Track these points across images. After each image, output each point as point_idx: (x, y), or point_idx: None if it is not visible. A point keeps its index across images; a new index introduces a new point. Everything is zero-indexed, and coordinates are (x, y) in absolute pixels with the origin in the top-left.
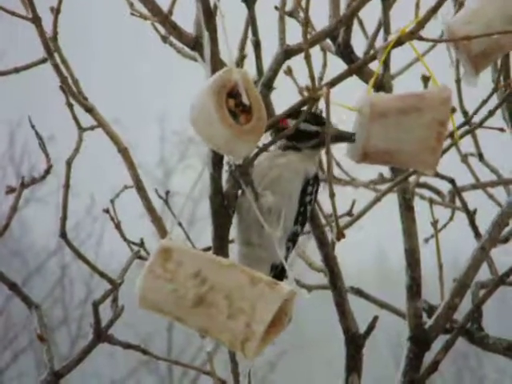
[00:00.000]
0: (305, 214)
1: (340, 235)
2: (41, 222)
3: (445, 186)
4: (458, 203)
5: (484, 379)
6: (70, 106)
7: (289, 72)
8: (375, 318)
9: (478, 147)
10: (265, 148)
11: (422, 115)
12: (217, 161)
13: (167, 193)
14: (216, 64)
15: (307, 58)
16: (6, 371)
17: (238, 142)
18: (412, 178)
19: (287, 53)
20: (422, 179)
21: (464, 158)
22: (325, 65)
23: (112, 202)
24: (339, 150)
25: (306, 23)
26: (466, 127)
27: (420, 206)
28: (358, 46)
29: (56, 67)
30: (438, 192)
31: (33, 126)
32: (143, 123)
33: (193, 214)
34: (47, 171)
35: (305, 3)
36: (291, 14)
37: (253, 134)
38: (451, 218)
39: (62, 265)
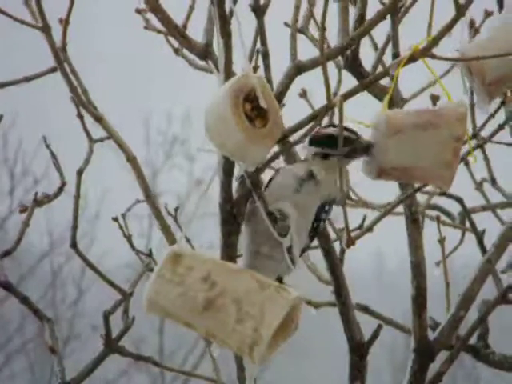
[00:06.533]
0: (317, 231)
1: (350, 242)
2: (32, 223)
3: (454, 208)
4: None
5: (479, 380)
6: (81, 117)
7: (303, 94)
8: (379, 327)
9: (491, 171)
10: (276, 156)
11: (438, 131)
12: (228, 168)
13: (176, 209)
14: (230, 69)
15: (324, 69)
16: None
17: (253, 147)
18: (422, 200)
19: (299, 68)
20: (432, 201)
21: (479, 187)
22: (339, 82)
23: (123, 216)
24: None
25: (323, 38)
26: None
27: (429, 228)
28: (365, 57)
29: (66, 76)
30: (448, 214)
31: (47, 146)
32: (128, 124)
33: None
34: (61, 188)
35: (320, 19)
36: (301, 31)
37: (268, 138)
38: (461, 241)
39: (53, 266)
